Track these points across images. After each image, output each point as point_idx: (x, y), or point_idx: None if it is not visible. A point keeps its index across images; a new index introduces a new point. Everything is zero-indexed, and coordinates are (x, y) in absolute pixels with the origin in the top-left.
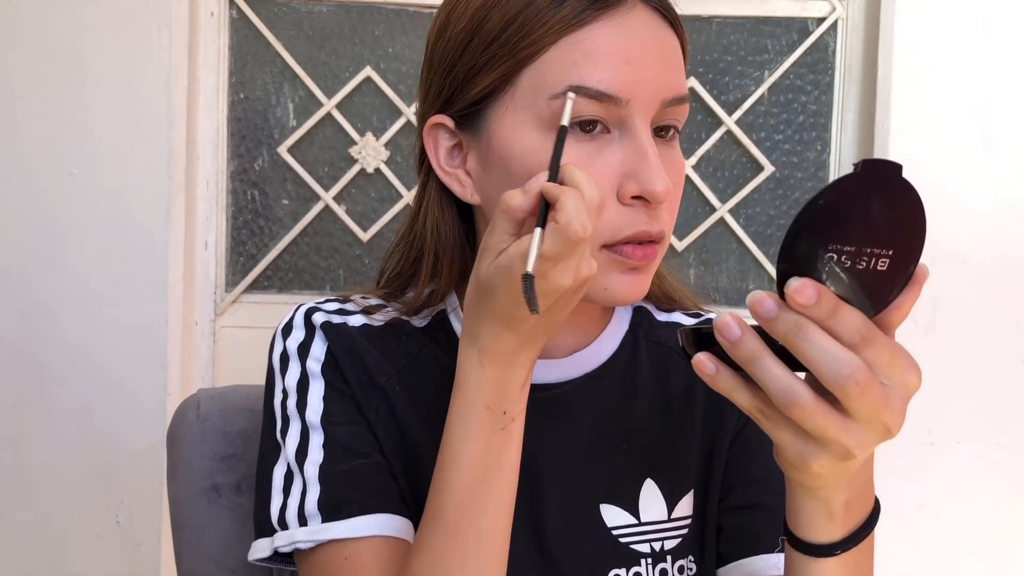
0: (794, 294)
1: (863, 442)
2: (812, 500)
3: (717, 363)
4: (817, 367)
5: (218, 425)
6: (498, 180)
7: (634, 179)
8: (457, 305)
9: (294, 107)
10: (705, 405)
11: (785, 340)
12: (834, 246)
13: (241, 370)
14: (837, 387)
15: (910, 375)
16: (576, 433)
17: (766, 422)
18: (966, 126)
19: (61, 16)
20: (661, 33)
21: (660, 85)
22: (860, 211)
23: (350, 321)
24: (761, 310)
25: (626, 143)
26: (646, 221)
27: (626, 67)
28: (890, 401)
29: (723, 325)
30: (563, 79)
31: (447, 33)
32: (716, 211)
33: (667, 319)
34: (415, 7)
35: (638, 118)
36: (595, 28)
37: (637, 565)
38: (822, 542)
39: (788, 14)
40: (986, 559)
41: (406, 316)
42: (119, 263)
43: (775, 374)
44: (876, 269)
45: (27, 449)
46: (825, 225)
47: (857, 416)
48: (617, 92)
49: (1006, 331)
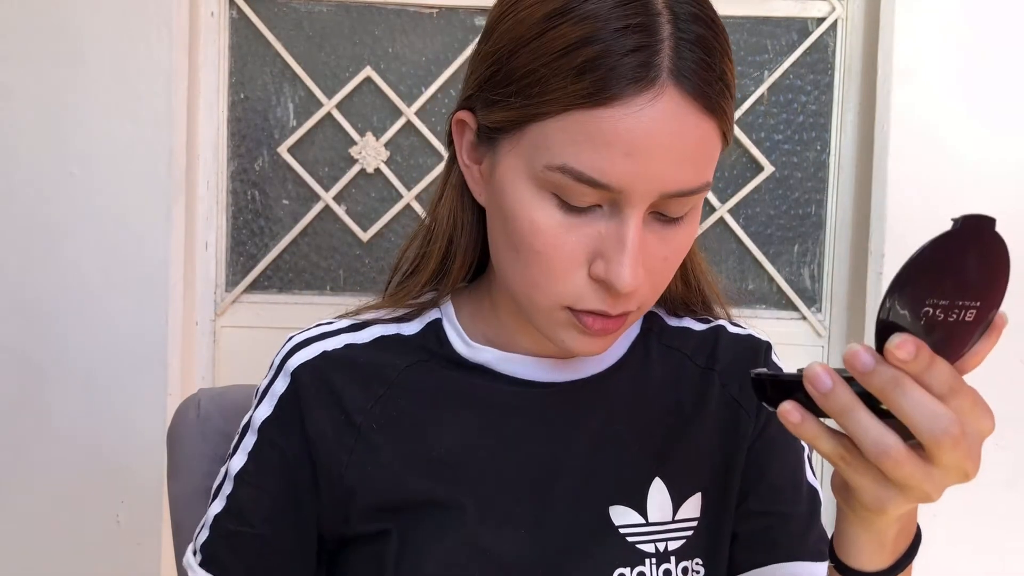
0: (895, 350)
1: (942, 487)
2: (867, 533)
3: (803, 412)
4: (912, 421)
5: (218, 425)
6: (493, 204)
7: (603, 262)
8: (453, 314)
9: (294, 107)
10: (719, 411)
11: (881, 394)
12: (931, 300)
13: (241, 370)
14: (932, 441)
15: (986, 421)
16: (585, 432)
17: (847, 469)
18: (966, 126)
19: (61, 16)
20: (688, 123)
21: (663, 180)
22: (957, 266)
23: (330, 346)
24: (859, 364)
25: (611, 223)
26: (608, 303)
27: (624, 160)
28: (972, 450)
29: (814, 377)
30: (558, 155)
31: (486, 39)
32: (716, 211)
33: (678, 324)
34: (415, 7)
35: (630, 206)
36: (605, 112)
37: (641, 565)
38: (871, 570)
39: (788, 14)
40: (986, 559)
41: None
42: (119, 263)
43: (867, 426)
44: (964, 320)
45: (27, 449)
46: (926, 281)
47: (943, 466)
48: (609, 182)
49: (1006, 331)
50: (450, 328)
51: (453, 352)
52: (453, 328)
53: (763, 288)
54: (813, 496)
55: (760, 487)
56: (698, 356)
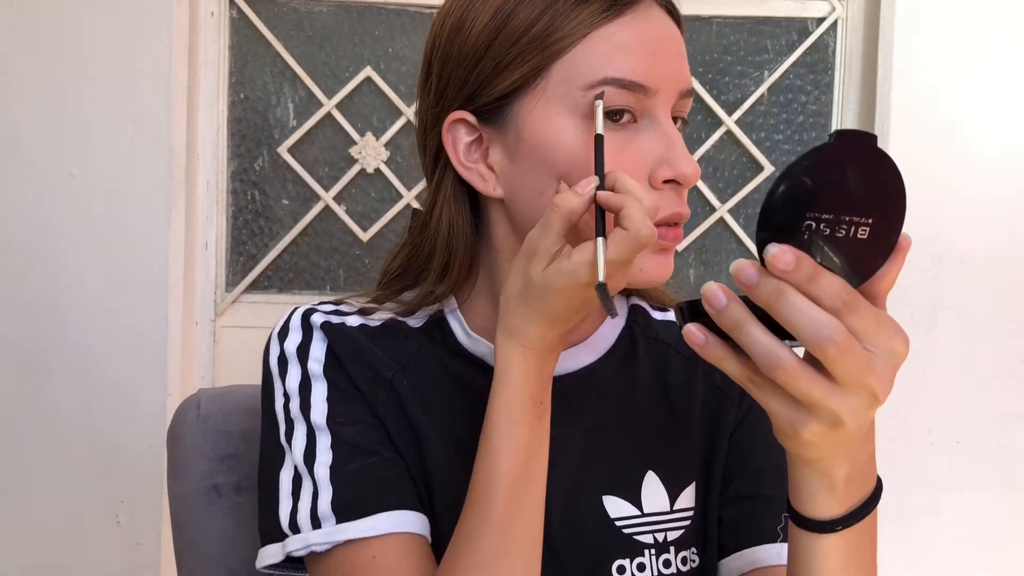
0: (773, 260)
1: (851, 408)
2: (813, 474)
3: (707, 333)
4: (797, 330)
5: (218, 425)
6: (528, 171)
7: (666, 164)
8: (455, 306)
9: (294, 107)
10: (704, 398)
11: (767, 305)
12: (812, 214)
13: (241, 370)
14: (817, 348)
15: (897, 342)
16: (577, 425)
17: (756, 391)
18: (966, 126)
19: (61, 16)
20: (673, 29)
21: (678, 77)
22: (837, 180)
23: (348, 321)
24: (743, 276)
25: (653, 131)
26: (677, 203)
27: (652, 59)
28: (875, 366)
29: (710, 294)
30: (597, 70)
31: (465, 32)
32: (716, 211)
33: (663, 317)
34: (415, 7)
35: (662, 108)
36: (622, 23)
37: (641, 556)
38: (824, 517)
39: (788, 14)
40: (986, 559)
41: (402, 316)
42: (119, 263)
43: (758, 339)
44: (857, 238)
45: (27, 449)
46: (802, 194)
47: (842, 380)
48: (647, 82)
49: (1006, 331)
50: (453, 320)
51: (456, 343)
52: (456, 320)
53: None
54: None
55: (743, 472)
56: (682, 346)
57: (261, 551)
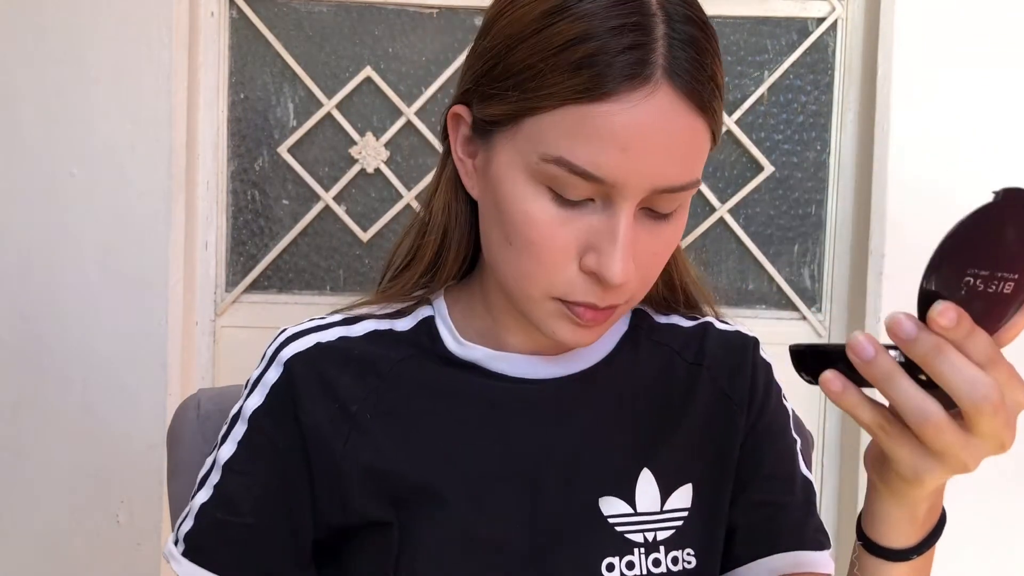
0: (938, 317)
1: (978, 457)
2: (900, 508)
3: (845, 381)
4: (954, 387)
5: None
6: (488, 198)
7: (595, 255)
8: (446, 311)
9: (294, 107)
10: (709, 406)
11: (923, 361)
12: (972, 271)
13: (241, 370)
14: (973, 407)
15: (1021, 393)
16: (574, 425)
17: (887, 439)
18: (966, 126)
19: (61, 16)
20: (680, 121)
21: (655, 175)
22: (997, 237)
23: (324, 338)
24: (901, 332)
25: (603, 216)
26: (599, 295)
27: (620, 155)
28: (1008, 419)
29: (857, 345)
30: (555, 147)
31: (485, 42)
32: (716, 211)
33: (666, 321)
34: (415, 7)
35: (622, 200)
36: (601, 108)
37: (630, 554)
38: (901, 547)
39: (788, 14)
40: (986, 559)
41: (390, 319)
42: (119, 263)
43: (909, 393)
44: (1003, 292)
45: (27, 449)
46: (967, 251)
47: (981, 434)
48: (603, 176)
49: None
50: (442, 326)
51: (444, 349)
52: (445, 326)
53: (763, 288)
54: (808, 487)
55: (757, 478)
56: (686, 352)
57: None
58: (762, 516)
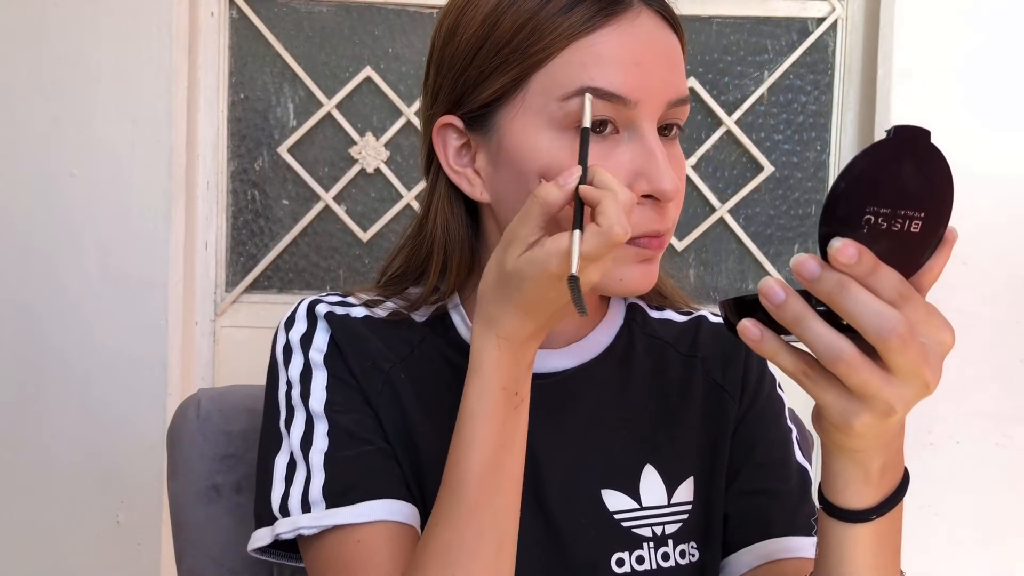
0: (837, 254)
1: (904, 398)
2: (851, 464)
3: (762, 328)
4: (861, 322)
5: (218, 425)
6: (509, 179)
7: (644, 178)
8: (459, 302)
9: (294, 107)
10: (704, 396)
11: (828, 298)
12: (871, 208)
13: (241, 370)
14: (880, 340)
15: (945, 333)
16: (574, 420)
17: (810, 384)
18: (966, 126)
19: (62, 16)
20: (665, 37)
21: (666, 87)
22: (894, 175)
23: (352, 312)
24: (805, 271)
25: (635, 143)
26: (656, 220)
27: (635, 70)
28: (929, 357)
29: (768, 289)
30: (574, 81)
31: (457, 37)
32: (716, 211)
33: (660, 316)
34: (415, 7)
35: (646, 119)
36: (604, 33)
37: (640, 548)
38: (858, 507)
39: (788, 14)
40: (986, 559)
41: (407, 311)
42: (119, 263)
43: (820, 332)
44: (909, 231)
45: (27, 449)
46: (863, 189)
47: (898, 371)
48: (627, 94)
49: (1006, 331)
50: (455, 314)
51: (457, 335)
52: (458, 314)
53: None
54: (803, 474)
55: (749, 466)
56: (681, 344)
57: (253, 534)
58: (754, 504)
